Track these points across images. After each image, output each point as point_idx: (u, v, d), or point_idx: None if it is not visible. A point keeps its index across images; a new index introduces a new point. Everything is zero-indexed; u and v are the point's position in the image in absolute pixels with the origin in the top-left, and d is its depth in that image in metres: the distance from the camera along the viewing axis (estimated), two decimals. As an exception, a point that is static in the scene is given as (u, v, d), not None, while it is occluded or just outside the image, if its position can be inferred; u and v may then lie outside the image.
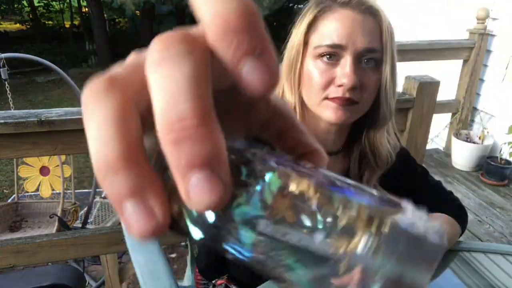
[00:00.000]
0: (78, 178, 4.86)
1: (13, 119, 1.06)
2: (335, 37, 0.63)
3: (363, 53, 0.64)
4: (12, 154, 1.12)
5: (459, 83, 2.98)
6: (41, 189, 2.76)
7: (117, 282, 1.61)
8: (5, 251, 1.25)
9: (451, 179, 2.80)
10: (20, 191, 3.07)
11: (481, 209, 2.43)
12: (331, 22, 0.63)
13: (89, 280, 2.55)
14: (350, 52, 0.63)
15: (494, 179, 2.68)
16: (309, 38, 0.66)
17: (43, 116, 1.08)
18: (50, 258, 1.30)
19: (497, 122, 2.85)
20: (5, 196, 4.45)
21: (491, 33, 2.83)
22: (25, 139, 1.10)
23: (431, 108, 1.42)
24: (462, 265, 0.79)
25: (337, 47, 0.63)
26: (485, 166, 2.74)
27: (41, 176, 2.76)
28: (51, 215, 2.76)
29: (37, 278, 1.15)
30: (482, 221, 2.31)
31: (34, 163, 2.74)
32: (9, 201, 3.09)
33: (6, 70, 2.48)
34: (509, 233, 2.19)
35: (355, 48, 0.63)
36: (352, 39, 0.62)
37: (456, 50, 2.82)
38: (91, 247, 1.33)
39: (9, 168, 5.05)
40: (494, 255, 0.83)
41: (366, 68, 0.65)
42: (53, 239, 1.29)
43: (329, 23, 0.64)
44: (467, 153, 2.84)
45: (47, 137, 1.12)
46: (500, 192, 2.61)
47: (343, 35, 0.62)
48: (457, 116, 3.00)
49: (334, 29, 0.63)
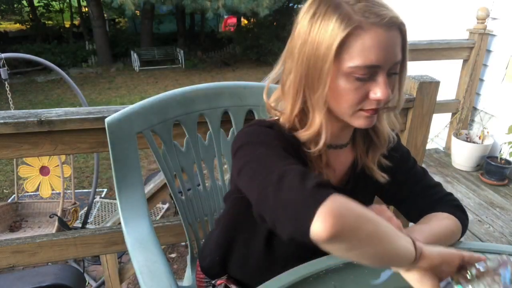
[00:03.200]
0: (78, 178, 4.86)
1: (13, 119, 1.06)
2: (373, 59, 0.63)
3: (393, 67, 0.67)
4: (12, 154, 1.12)
5: (459, 83, 2.98)
6: (41, 189, 2.76)
7: (117, 282, 1.61)
8: (5, 251, 1.25)
9: (451, 179, 2.80)
10: (20, 191, 3.07)
11: (481, 209, 2.43)
12: (366, 42, 0.62)
13: (89, 280, 2.55)
14: (384, 69, 0.65)
15: (494, 179, 2.68)
16: (340, 55, 0.64)
17: (43, 116, 1.08)
18: (50, 258, 1.30)
19: (497, 122, 2.85)
20: (5, 196, 4.45)
21: (491, 33, 2.83)
22: (25, 139, 1.10)
23: (431, 108, 1.42)
24: (462, 265, 0.79)
25: (374, 67, 0.64)
26: (485, 166, 2.74)
27: (41, 176, 2.75)
28: (51, 215, 2.76)
29: (37, 278, 1.15)
30: (482, 221, 2.31)
31: (34, 163, 2.74)
32: (9, 201, 3.09)
33: (6, 70, 2.47)
34: (509, 233, 2.19)
35: (387, 65, 0.65)
36: (386, 58, 0.64)
37: (456, 50, 2.82)
38: (91, 247, 1.33)
39: (9, 168, 5.04)
40: (494, 255, 0.83)
41: (392, 77, 0.68)
42: (53, 239, 1.29)
43: (363, 42, 0.63)
44: (467, 153, 2.84)
45: (47, 137, 1.12)
46: (500, 192, 2.61)
47: (380, 56, 0.63)
48: (457, 116, 3.00)
49: (369, 49, 0.63)
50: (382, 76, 0.65)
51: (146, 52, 11.84)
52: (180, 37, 13.22)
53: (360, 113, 0.69)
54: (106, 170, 4.87)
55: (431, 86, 1.39)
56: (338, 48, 0.63)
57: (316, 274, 0.76)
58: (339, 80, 0.66)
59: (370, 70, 0.64)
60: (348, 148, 0.82)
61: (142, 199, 1.02)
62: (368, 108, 0.68)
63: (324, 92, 0.67)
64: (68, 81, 2.77)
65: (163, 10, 15.12)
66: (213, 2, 9.06)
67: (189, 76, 10.66)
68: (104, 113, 1.11)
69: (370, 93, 0.66)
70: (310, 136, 0.71)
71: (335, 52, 0.63)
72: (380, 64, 0.64)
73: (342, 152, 0.81)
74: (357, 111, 0.68)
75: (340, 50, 0.63)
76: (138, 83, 10.02)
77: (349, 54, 0.63)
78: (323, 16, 0.65)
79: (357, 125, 0.70)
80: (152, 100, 1.03)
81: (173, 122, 1.05)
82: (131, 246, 0.93)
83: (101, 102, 8.41)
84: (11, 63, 9.48)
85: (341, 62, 0.64)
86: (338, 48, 0.63)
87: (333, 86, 0.67)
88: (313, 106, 0.70)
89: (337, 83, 0.66)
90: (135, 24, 15.24)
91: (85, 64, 11.82)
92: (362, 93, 0.66)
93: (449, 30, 3.20)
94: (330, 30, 0.63)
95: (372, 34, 0.62)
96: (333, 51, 0.63)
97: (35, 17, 14.62)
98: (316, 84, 0.67)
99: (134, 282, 2.51)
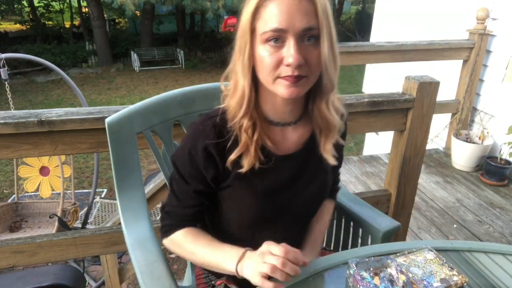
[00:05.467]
0: (78, 178, 4.86)
1: (13, 119, 1.06)
2: (276, 23, 0.69)
3: (303, 33, 0.70)
4: (12, 154, 1.12)
5: (459, 83, 2.98)
6: (41, 189, 2.75)
7: (117, 282, 1.61)
8: (5, 251, 1.25)
9: (451, 179, 2.80)
10: (20, 191, 3.07)
11: (481, 209, 2.43)
12: (271, 9, 0.70)
13: (89, 280, 2.55)
14: (292, 34, 0.70)
15: (494, 179, 2.68)
16: (255, 25, 0.72)
17: (43, 116, 1.08)
18: (50, 258, 1.30)
19: (497, 122, 2.85)
20: (5, 196, 4.45)
21: (491, 33, 2.83)
22: (25, 139, 1.10)
23: (431, 108, 1.42)
24: (463, 265, 0.79)
25: (279, 31, 0.70)
26: (485, 166, 2.74)
27: (41, 176, 2.75)
28: (51, 215, 2.75)
29: (37, 278, 1.15)
30: (482, 221, 2.31)
31: (34, 163, 2.74)
32: (9, 201, 3.08)
33: (6, 70, 2.47)
34: (509, 233, 2.19)
35: (295, 30, 0.70)
36: (291, 23, 0.69)
37: (456, 50, 2.83)
38: (91, 247, 1.33)
39: (9, 168, 5.04)
40: (495, 255, 0.83)
41: (308, 45, 0.72)
42: (53, 239, 1.29)
43: (270, 10, 0.70)
44: (467, 153, 2.84)
45: (47, 137, 1.12)
46: (500, 192, 2.61)
47: (283, 20, 0.69)
48: (457, 116, 3.00)
49: (274, 15, 0.70)
50: (291, 40, 0.70)
51: (146, 53, 11.84)
52: (180, 37, 13.22)
53: (278, 80, 0.73)
54: (106, 170, 4.87)
55: (431, 86, 1.39)
56: (252, 18, 0.72)
57: (316, 274, 0.76)
58: (258, 48, 0.73)
59: (276, 34, 0.70)
60: (301, 126, 0.86)
61: (142, 199, 1.02)
62: (284, 75, 0.72)
63: (245, 58, 0.74)
64: (68, 81, 2.77)
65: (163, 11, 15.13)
66: (213, 2, 9.06)
67: (189, 76, 10.67)
68: (104, 113, 1.11)
69: (283, 58, 0.71)
70: (237, 103, 0.78)
71: (251, 22, 0.72)
72: (284, 28, 0.69)
73: (292, 129, 0.85)
74: (276, 78, 0.73)
75: (254, 20, 0.72)
76: (138, 84, 10.03)
77: (260, 22, 0.72)
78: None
79: (279, 93, 0.75)
80: (152, 100, 1.03)
81: (173, 122, 1.05)
82: (131, 246, 0.93)
83: (101, 102, 8.41)
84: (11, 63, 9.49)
85: (256, 31, 0.73)
86: (252, 18, 0.72)
87: (255, 55, 0.74)
88: (237, 73, 0.77)
89: (257, 51, 0.74)
90: (135, 24, 15.24)
91: (85, 64, 11.82)
92: (276, 58, 0.71)
93: (449, 30, 3.20)
94: (249, 6, 0.73)
95: (276, 2, 0.70)
96: (249, 21, 0.72)
97: (35, 17, 14.62)
98: (242, 53, 0.75)
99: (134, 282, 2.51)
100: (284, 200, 0.86)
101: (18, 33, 14.66)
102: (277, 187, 0.85)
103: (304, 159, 0.87)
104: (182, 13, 12.78)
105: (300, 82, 0.73)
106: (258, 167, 0.80)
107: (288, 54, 0.70)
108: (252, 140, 0.79)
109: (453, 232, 2.22)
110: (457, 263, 0.80)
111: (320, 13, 0.70)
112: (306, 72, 0.73)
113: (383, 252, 0.81)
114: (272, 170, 0.83)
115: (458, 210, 2.43)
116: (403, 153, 1.48)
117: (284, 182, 0.86)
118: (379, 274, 0.71)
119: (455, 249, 0.84)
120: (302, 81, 0.73)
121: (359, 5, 19.42)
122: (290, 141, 0.86)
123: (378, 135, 3.72)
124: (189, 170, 0.82)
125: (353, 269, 0.71)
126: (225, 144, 0.79)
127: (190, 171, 0.82)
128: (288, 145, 0.86)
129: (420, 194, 2.60)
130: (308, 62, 0.72)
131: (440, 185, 2.72)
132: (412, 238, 2.17)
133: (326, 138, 0.85)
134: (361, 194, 1.63)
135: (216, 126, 0.80)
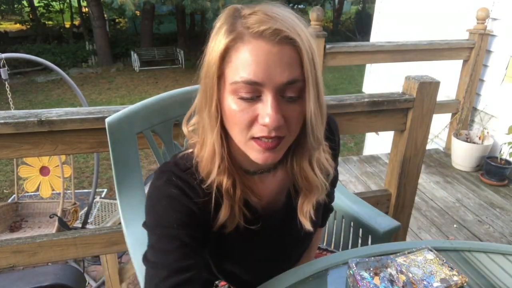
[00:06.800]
0: (78, 178, 4.86)
1: (13, 119, 1.06)
2: (250, 74, 0.55)
3: (284, 87, 0.57)
4: (12, 154, 1.12)
5: (459, 83, 2.98)
6: (41, 189, 2.75)
7: (117, 282, 1.61)
8: (5, 251, 1.25)
9: (451, 179, 2.80)
10: (20, 191, 3.07)
11: (481, 209, 2.43)
12: (243, 54, 0.56)
13: (89, 280, 2.55)
14: (269, 89, 0.56)
15: (494, 179, 2.68)
16: (223, 70, 0.58)
17: (43, 116, 1.08)
18: (50, 258, 1.30)
19: (497, 122, 2.85)
20: (5, 196, 4.45)
21: (491, 33, 2.83)
22: (25, 139, 1.10)
23: (431, 108, 1.42)
24: (463, 265, 0.79)
25: (254, 83, 0.56)
26: (485, 167, 2.74)
27: (41, 176, 2.75)
28: (51, 215, 2.75)
29: (37, 278, 1.15)
30: (482, 221, 2.31)
31: (34, 163, 2.74)
32: (9, 201, 3.08)
33: (6, 70, 2.47)
34: (509, 233, 2.19)
35: (274, 84, 0.56)
36: (269, 75, 0.55)
37: (456, 50, 2.83)
38: (91, 247, 1.33)
39: (9, 168, 5.05)
40: (495, 255, 0.83)
41: (290, 101, 0.59)
42: (53, 239, 1.29)
43: (242, 55, 0.56)
44: (467, 153, 2.84)
45: (47, 137, 1.12)
46: (500, 192, 2.61)
47: (259, 71, 0.55)
48: (457, 116, 3.00)
49: (247, 64, 0.55)
50: (268, 96, 0.56)
51: (146, 52, 11.84)
52: (180, 37, 13.22)
53: (251, 143, 0.60)
54: (106, 170, 4.88)
55: (431, 86, 1.39)
56: (220, 62, 0.58)
57: (316, 274, 0.76)
58: (227, 98, 0.59)
59: (251, 88, 0.56)
60: (279, 172, 0.74)
61: (142, 199, 1.02)
62: (259, 135, 0.59)
63: (212, 109, 0.61)
64: (68, 81, 2.77)
65: (163, 11, 15.13)
66: (213, 2, 9.06)
67: (189, 76, 10.66)
68: (104, 113, 1.11)
69: (258, 116, 0.58)
70: (207, 159, 0.65)
71: (218, 66, 0.58)
72: (260, 81, 0.56)
73: (272, 177, 0.74)
74: (249, 140, 0.60)
75: (222, 65, 0.58)
76: (138, 83, 10.03)
77: (230, 68, 0.57)
78: (218, 29, 0.60)
79: (252, 158, 0.62)
80: (152, 100, 1.03)
81: (173, 122, 1.05)
82: (131, 246, 0.93)
83: (101, 102, 8.41)
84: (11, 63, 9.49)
85: (225, 77, 0.59)
86: (220, 62, 0.58)
87: (223, 106, 0.60)
88: (204, 125, 0.64)
89: (226, 102, 0.59)
90: (135, 24, 15.24)
91: (85, 64, 11.83)
92: (249, 115, 0.58)
93: (449, 30, 3.20)
94: (217, 43, 0.58)
95: (250, 47, 0.56)
96: (215, 63, 0.58)
97: (35, 17, 14.63)
98: (209, 101, 0.61)
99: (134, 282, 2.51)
100: (274, 249, 0.80)
101: (18, 33, 14.67)
102: (264, 243, 0.77)
103: (288, 214, 0.76)
104: (182, 13, 12.78)
105: (278, 148, 0.61)
106: (243, 227, 0.69)
107: (264, 113, 0.57)
108: (234, 199, 0.67)
109: (453, 232, 2.22)
110: (457, 263, 0.80)
111: (306, 61, 0.57)
112: (284, 133, 0.60)
113: (383, 252, 0.81)
114: (258, 230, 0.72)
115: (458, 210, 2.43)
116: (403, 153, 1.48)
117: (272, 238, 0.78)
118: (379, 274, 0.71)
119: (455, 249, 0.84)
120: (280, 145, 0.61)
121: (359, 5, 19.43)
122: (270, 188, 0.74)
123: (378, 135, 3.72)
124: (176, 216, 0.65)
125: (353, 269, 0.71)
126: (205, 204, 0.67)
127: (178, 217, 0.64)
128: (269, 193, 0.74)
129: (420, 194, 2.60)
130: (288, 121, 0.59)
131: (440, 185, 2.72)
132: (412, 238, 2.17)
133: (305, 198, 0.73)
134: (361, 194, 1.63)
135: (188, 183, 0.66)
